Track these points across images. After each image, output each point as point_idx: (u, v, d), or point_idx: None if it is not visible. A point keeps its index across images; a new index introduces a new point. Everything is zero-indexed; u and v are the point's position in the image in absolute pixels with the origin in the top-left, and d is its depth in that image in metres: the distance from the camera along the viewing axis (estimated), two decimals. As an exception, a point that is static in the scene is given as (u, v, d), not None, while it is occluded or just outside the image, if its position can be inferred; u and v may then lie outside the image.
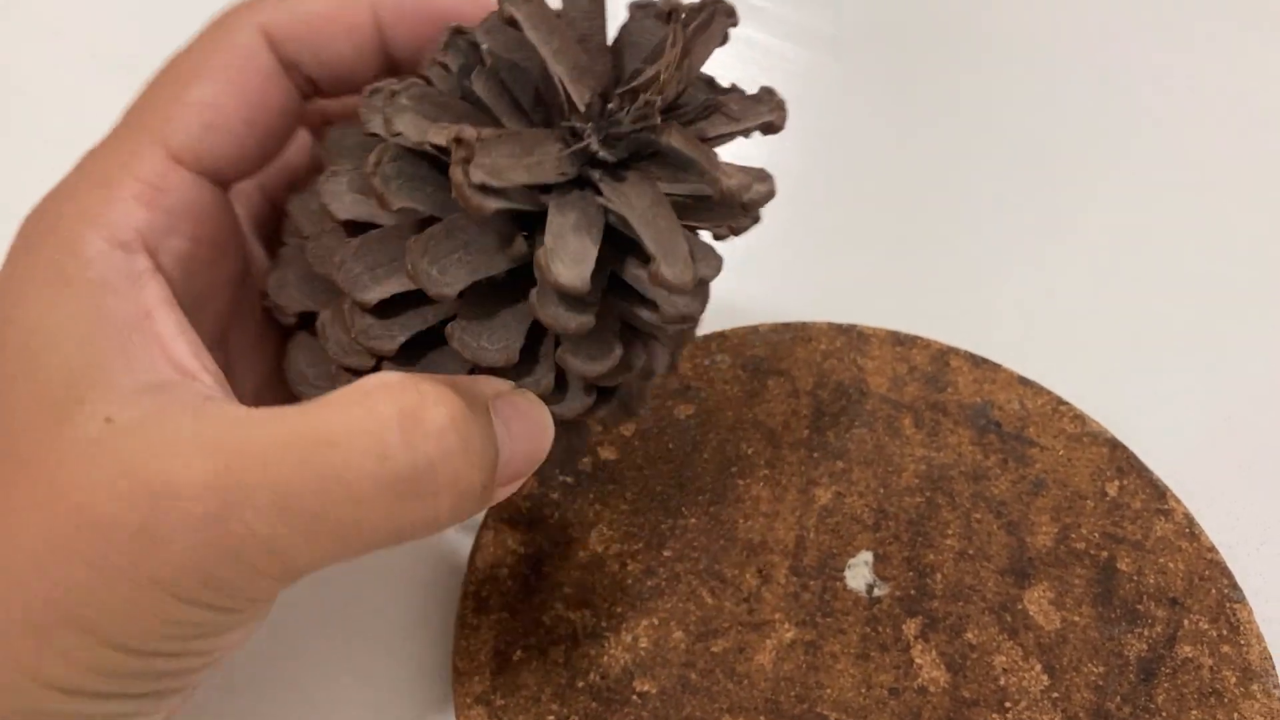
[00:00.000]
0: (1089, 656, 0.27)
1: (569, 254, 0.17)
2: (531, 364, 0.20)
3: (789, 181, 0.38)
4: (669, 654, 0.27)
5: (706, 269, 0.19)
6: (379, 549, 0.17)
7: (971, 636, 0.27)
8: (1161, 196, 0.38)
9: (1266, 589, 0.29)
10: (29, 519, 0.16)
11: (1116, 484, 0.30)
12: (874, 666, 0.27)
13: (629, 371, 0.21)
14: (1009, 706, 0.26)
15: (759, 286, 0.35)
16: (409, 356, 0.20)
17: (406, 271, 0.18)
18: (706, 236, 0.21)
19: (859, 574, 0.28)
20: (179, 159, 0.19)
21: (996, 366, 0.32)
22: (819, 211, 0.37)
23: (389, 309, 0.19)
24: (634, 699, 0.26)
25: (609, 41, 0.21)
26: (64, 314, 0.17)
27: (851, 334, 0.32)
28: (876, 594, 0.28)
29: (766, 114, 0.20)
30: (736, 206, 0.20)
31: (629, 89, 0.18)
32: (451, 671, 0.27)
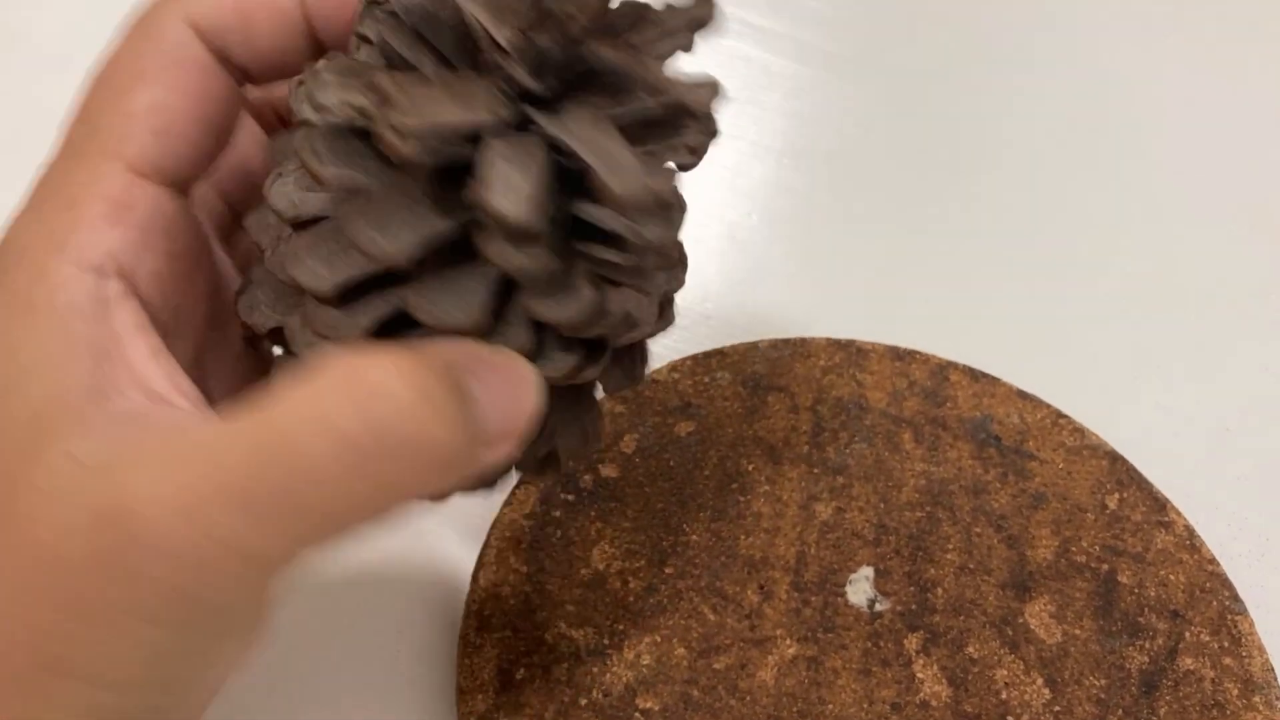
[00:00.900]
0: (1090, 669, 0.27)
1: (504, 182, 0.16)
2: (504, 326, 0.19)
3: (787, 197, 0.38)
4: (671, 671, 0.27)
5: (658, 181, 0.18)
6: (364, 525, 0.17)
7: (973, 651, 0.27)
8: (1158, 212, 0.38)
9: (1268, 600, 0.29)
10: None
11: (1116, 496, 0.30)
12: (876, 682, 0.27)
13: (606, 319, 0.19)
14: (1011, 720, 0.26)
15: (758, 303, 0.35)
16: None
17: (353, 245, 0.17)
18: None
19: (860, 589, 0.28)
20: (139, 171, 0.18)
21: (995, 380, 0.32)
22: (817, 227, 0.38)
23: (352, 298, 0.18)
24: (637, 716, 0.26)
25: None
26: (33, 345, 0.17)
27: (850, 349, 0.33)
28: (878, 609, 0.28)
29: (695, 10, 0.19)
30: (685, 116, 0.19)
31: (551, 15, 0.17)
32: (455, 690, 0.27)
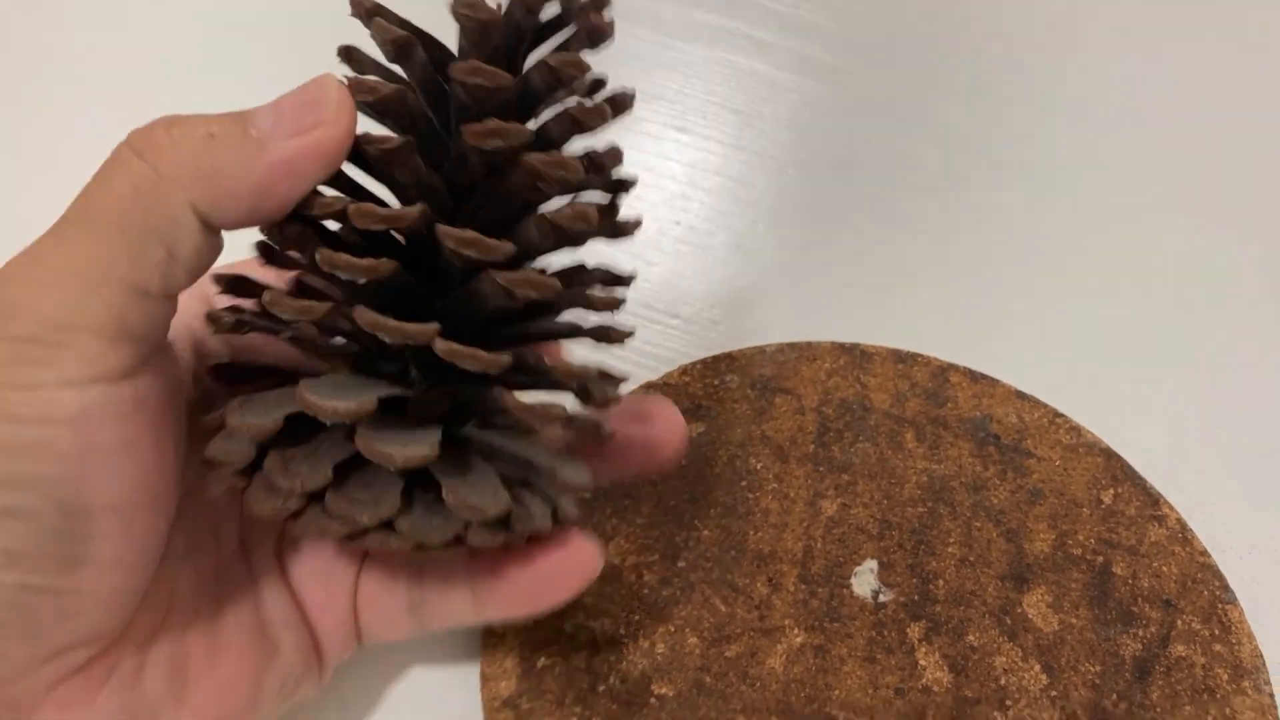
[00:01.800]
0: (1086, 656, 0.28)
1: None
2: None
3: (792, 207, 0.40)
4: (685, 659, 0.28)
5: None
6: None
7: (973, 639, 0.28)
8: (1151, 220, 0.39)
9: (1257, 591, 0.30)
10: None
11: (1111, 492, 0.31)
12: (880, 668, 0.28)
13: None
14: (1009, 705, 0.28)
15: (765, 309, 0.37)
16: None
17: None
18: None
19: (864, 581, 0.29)
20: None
21: (994, 381, 0.33)
22: (821, 236, 0.39)
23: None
24: (652, 701, 0.27)
25: None
26: None
27: (855, 353, 0.34)
28: (882, 600, 0.29)
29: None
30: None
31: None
32: (480, 678, 0.28)
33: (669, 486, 0.31)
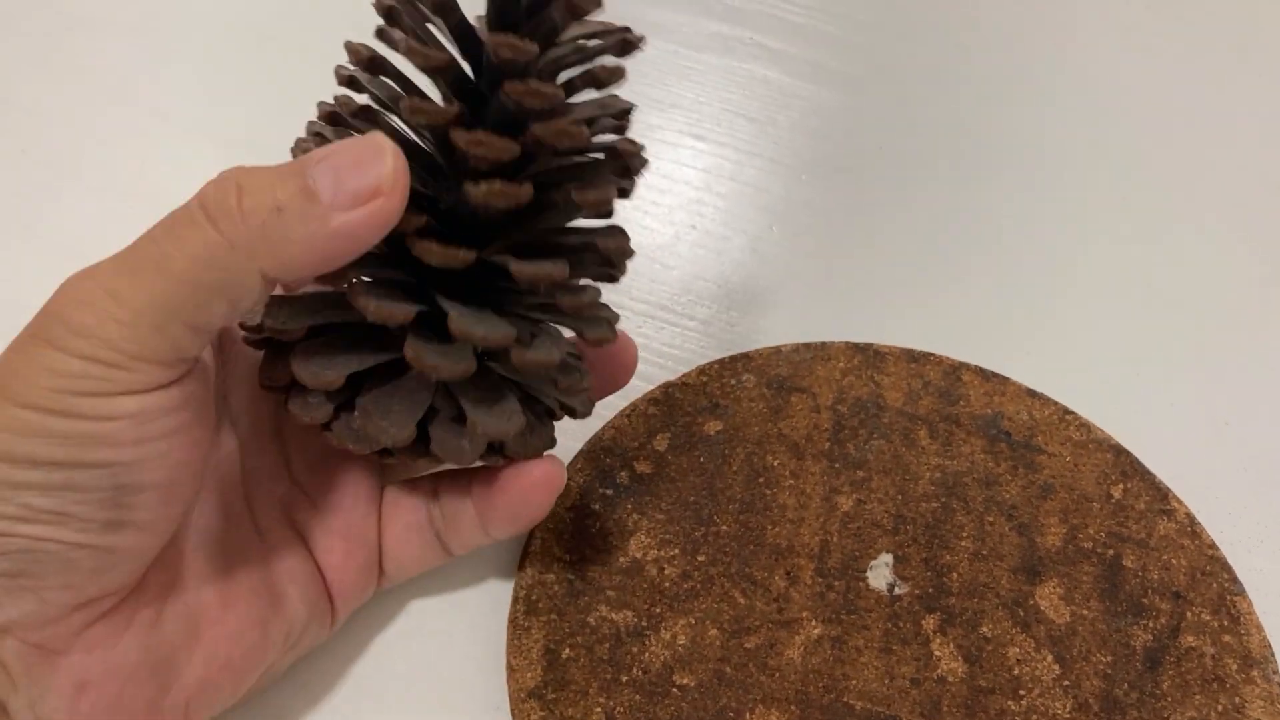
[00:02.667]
0: (1097, 647, 0.29)
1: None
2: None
3: (806, 210, 0.40)
4: (705, 650, 0.29)
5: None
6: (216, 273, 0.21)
7: (987, 630, 0.29)
8: (1159, 218, 0.40)
9: (1265, 583, 0.31)
10: None
11: (1121, 487, 0.32)
12: (896, 659, 0.29)
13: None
14: (1023, 694, 0.28)
15: (781, 310, 0.37)
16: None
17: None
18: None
19: (880, 574, 0.30)
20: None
21: (1005, 379, 0.34)
22: (835, 238, 0.40)
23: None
24: (674, 691, 0.28)
25: None
26: None
27: (868, 352, 0.35)
28: (897, 592, 0.30)
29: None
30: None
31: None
32: (506, 668, 0.29)
33: (688, 483, 0.32)
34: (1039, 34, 0.46)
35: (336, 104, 0.25)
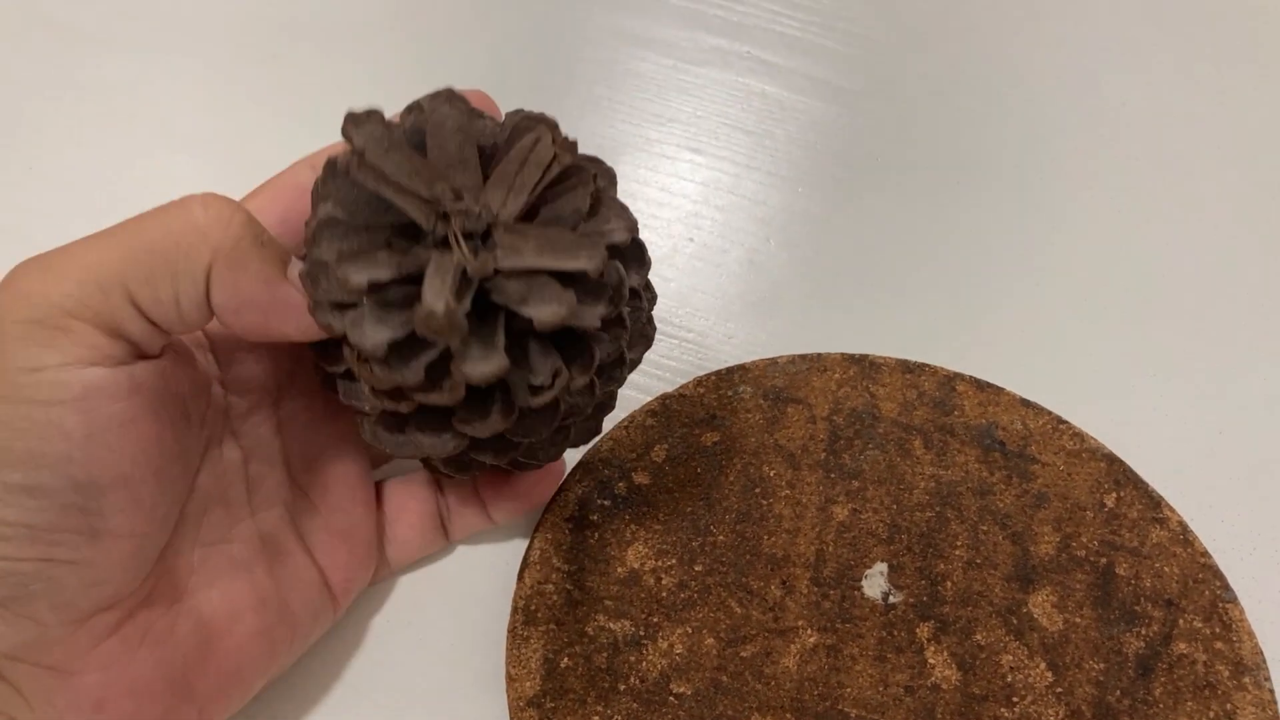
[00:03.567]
0: (1090, 654, 0.29)
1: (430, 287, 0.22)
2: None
3: (803, 223, 0.41)
4: (702, 659, 0.29)
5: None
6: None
7: (980, 638, 0.29)
8: (1151, 231, 0.40)
9: (1257, 590, 0.31)
10: None
11: (1114, 495, 0.32)
12: (890, 667, 0.29)
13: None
14: (1016, 701, 0.29)
15: (777, 321, 0.38)
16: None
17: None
18: None
19: (875, 583, 0.31)
20: None
21: (999, 390, 0.34)
22: (831, 250, 0.40)
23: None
24: (671, 700, 0.29)
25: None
26: None
27: (864, 363, 0.35)
28: (892, 601, 0.30)
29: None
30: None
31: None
32: (505, 678, 0.29)
33: (685, 494, 0.32)
34: (1036, 47, 0.47)
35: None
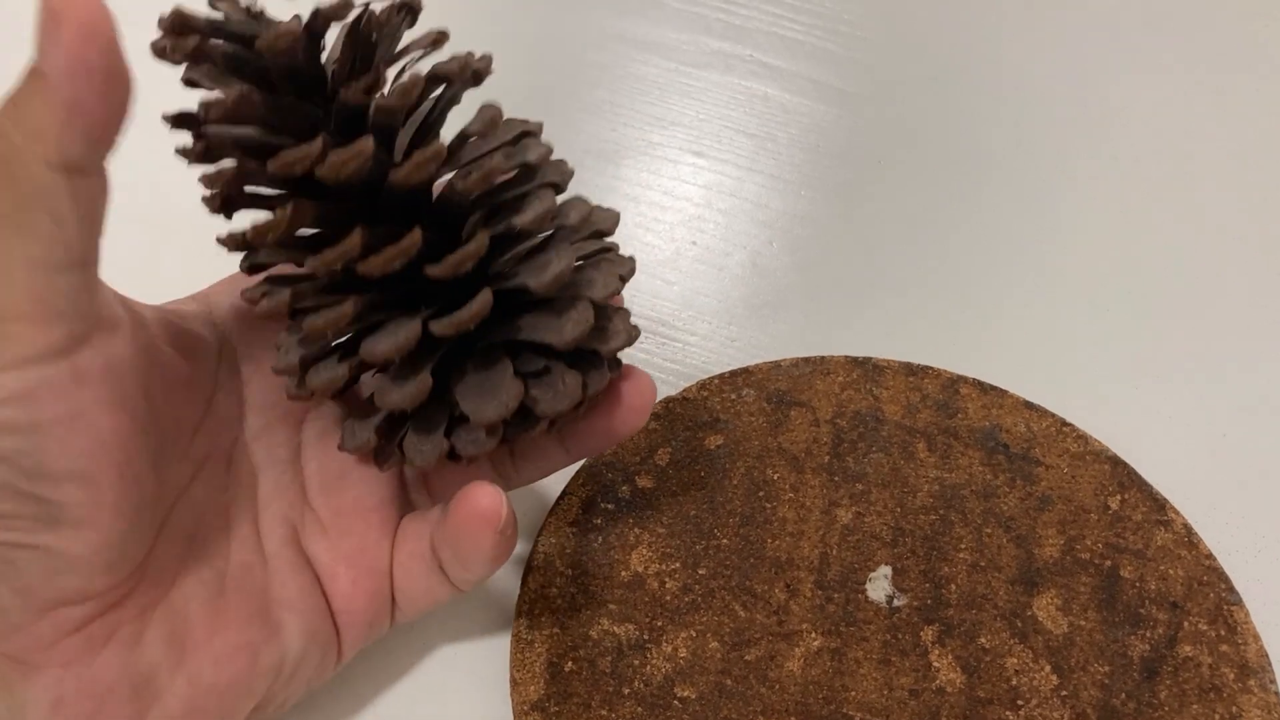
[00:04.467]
0: (1095, 657, 0.29)
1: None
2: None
3: (806, 226, 0.41)
4: (706, 662, 0.29)
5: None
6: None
7: (985, 641, 0.29)
8: (1153, 234, 0.40)
9: (1263, 593, 0.31)
10: None
11: (1118, 498, 0.32)
12: (895, 670, 0.29)
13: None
14: (1021, 705, 0.28)
15: (780, 324, 0.38)
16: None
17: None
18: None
19: (879, 586, 0.31)
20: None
21: (1003, 392, 0.34)
22: (834, 254, 0.40)
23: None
24: (675, 704, 0.29)
25: None
26: None
27: (867, 366, 0.35)
28: (896, 604, 0.30)
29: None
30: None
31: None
32: (509, 682, 0.29)
33: (689, 497, 0.32)
34: (1038, 49, 0.47)
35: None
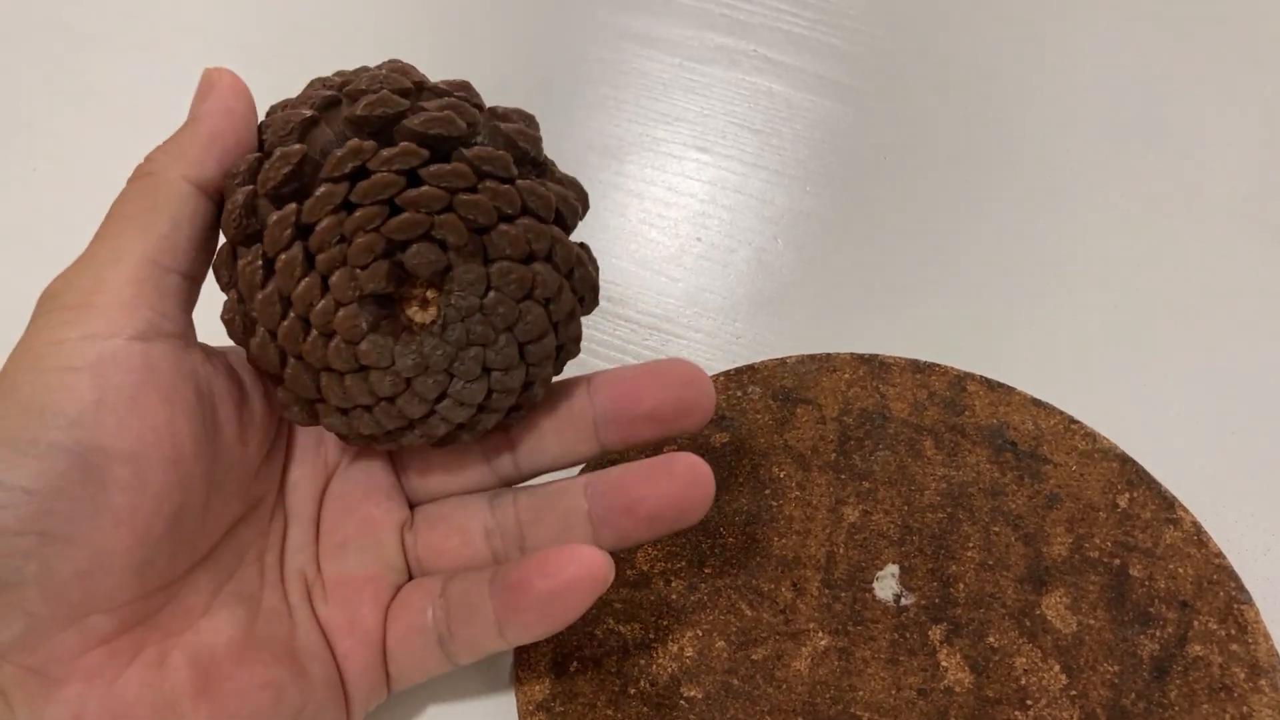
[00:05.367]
0: (1104, 656, 0.29)
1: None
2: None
3: (811, 222, 0.41)
4: (713, 662, 0.29)
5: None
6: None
7: (993, 640, 0.29)
8: (1162, 228, 0.40)
9: (1273, 591, 0.31)
10: None
11: (1127, 496, 0.32)
12: (903, 670, 0.29)
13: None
14: (1030, 704, 0.28)
15: (786, 321, 0.38)
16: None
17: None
18: None
19: (886, 585, 0.30)
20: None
21: (1010, 389, 0.34)
22: (840, 250, 0.40)
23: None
24: (682, 704, 0.28)
25: None
26: None
27: (873, 363, 0.35)
28: (903, 603, 0.30)
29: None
30: None
31: None
32: (514, 682, 0.29)
33: (694, 495, 0.32)
34: (1043, 45, 0.46)
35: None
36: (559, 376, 0.28)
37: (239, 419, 0.26)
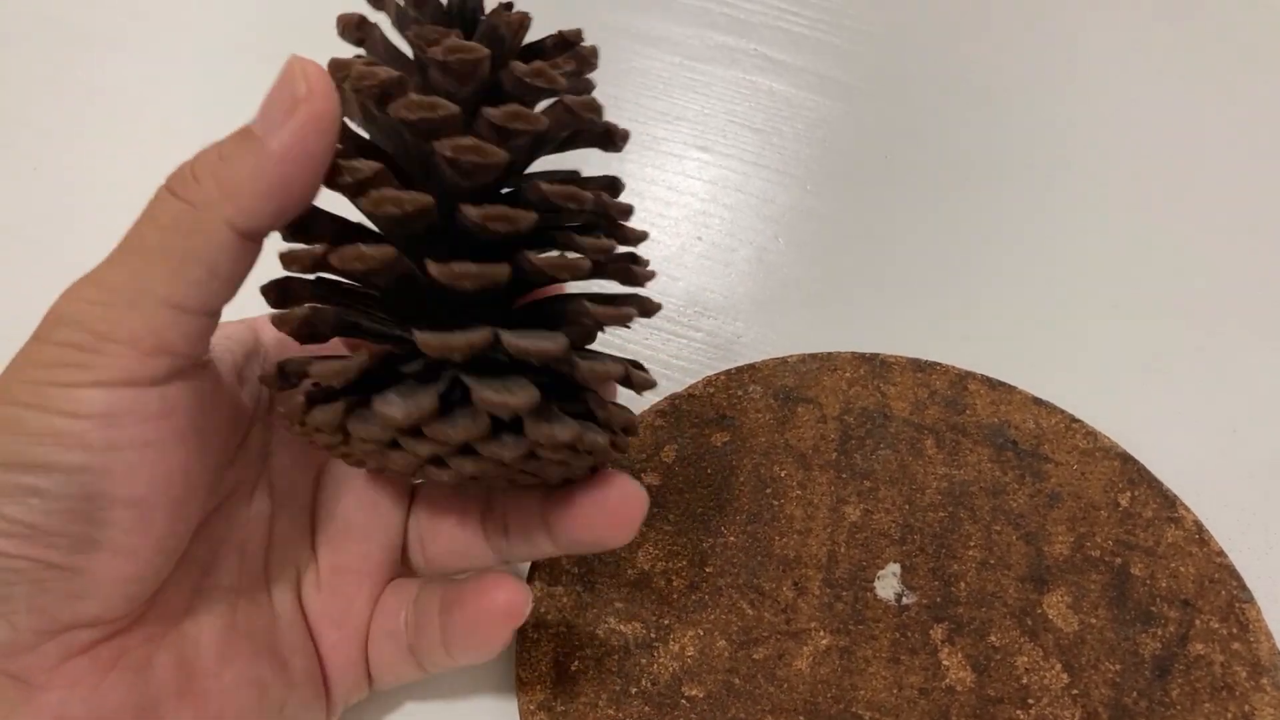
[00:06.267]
0: (1106, 655, 0.29)
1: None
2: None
3: (812, 221, 0.41)
4: (714, 661, 0.29)
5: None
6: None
7: (995, 639, 0.29)
8: (1162, 228, 0.40)
9: (1274, 590, 0.31)
10: None
11: (1128, 495, 0.32)
12: (904, 669, 0.29)
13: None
14: (1032, 703, 0.28)
15: (787, 320, 0.38)
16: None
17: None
18: None
19: (888, 584, 0.30)
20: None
21: (1011, 388, 0.34)
22: (841, 249, 0.40)
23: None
24: (683, 703, 0.28)
25: None
26: None
27: (874, 362, 0.35)
28: (905, 602, 0.30)
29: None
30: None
31: None
32: (515, 681, 0.29)
33: (695, 494, 0.32)
34: (1044, 42, 0.46)
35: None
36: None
37: (218, 419, 0.24)
